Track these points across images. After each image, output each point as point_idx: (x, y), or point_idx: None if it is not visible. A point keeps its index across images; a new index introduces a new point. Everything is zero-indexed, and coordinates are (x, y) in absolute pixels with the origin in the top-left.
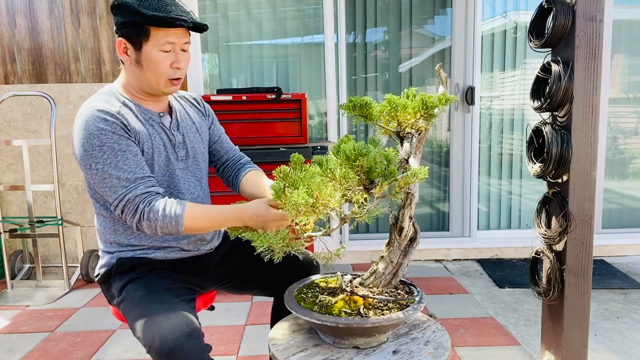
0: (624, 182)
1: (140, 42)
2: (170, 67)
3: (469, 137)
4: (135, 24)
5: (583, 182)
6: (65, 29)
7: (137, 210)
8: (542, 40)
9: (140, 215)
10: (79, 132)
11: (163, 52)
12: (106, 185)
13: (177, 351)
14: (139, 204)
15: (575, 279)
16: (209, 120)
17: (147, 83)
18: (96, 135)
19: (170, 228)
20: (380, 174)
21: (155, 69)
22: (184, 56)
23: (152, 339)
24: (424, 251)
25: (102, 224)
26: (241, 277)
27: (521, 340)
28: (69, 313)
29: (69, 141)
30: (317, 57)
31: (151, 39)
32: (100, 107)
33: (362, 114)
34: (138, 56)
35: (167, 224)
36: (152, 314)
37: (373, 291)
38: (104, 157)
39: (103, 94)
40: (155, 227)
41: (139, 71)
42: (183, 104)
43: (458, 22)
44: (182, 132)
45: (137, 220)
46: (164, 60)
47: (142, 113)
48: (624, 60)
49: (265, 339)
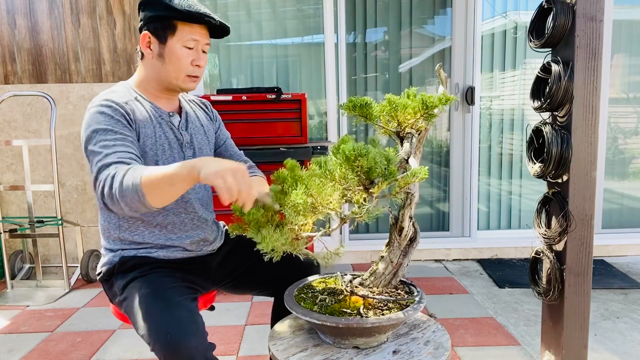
0: (624, 182)
1: (166, 36)
2: (191, 64)
3: (469, 137)
4: (164, 18)
5: (583, 182)
6: (65, 29)
7: (102, 178)
8: (542, 40)
9: (104, 182)
10: (85, 119)
11: (186, 49)
12: (91, 162)
13: (183, 348)
14: (105, 170)
15: (575, 279)
16: (215, 124)
17: (167, 77)
18: (97, 121)
19: (131, 193)
20: (380, 174)
21: (177, 63)
22: (204, 56)
23: (157, 336)
24: (424, 251)
25: (106, 219)
26: (242, 277)
27: (521, 340)
28: (69, 313)
29: (69, 141)
30: (317, 57)
31: (177, 34)
32: (108, 98)
33: (362, 114)
34: (162, 50)
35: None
36: (157, 311)
37: (373, 291)
38: (97, 138)
39: (116, 89)
40: (117, 194)
41: (160, 65)
42: (193, 106)
43: (458, 22)
44: (190, 132)
45: (101, 189)
46: (186, 56)
47: (153, 110)
48: (624, 60)
49: (265, 339)
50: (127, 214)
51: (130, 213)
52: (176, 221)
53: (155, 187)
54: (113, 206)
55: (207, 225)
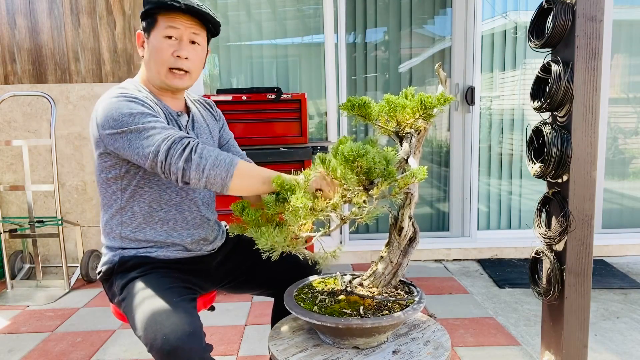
0: (624, 182)
1: (150, 30)
2: (172, 55)
3: (469, 137)
4: (149, 13)
5: (583, 182)
6: (65, 29)
7: (189, 146)
8: (542, 40)
9: (192, 150)
10: (106, 108)
11: (167, 39)
12: (142, 138)
13: (179, 350)
14: (190, 141)
15: (575, 279)
16: (219, 124)
17: (152, 74)
18: (129, 107)
19: (220, 172)
20: (379, 174)
21: (156, 55)
22: (190, 47)
23: (154, 338)
24: (424, 251)
25: (108, 214)
26: (242, 277)
27: (521, 340)
28: (69, 313)
29: (69, 141)
30: (317, 57)
31: (157, 25)
32: (127, 90)
33: (361, 114)
34: (148, 46)
35: (219, 165)
36: (154, 312)
37: (373, 291)
38: (135, 120)
39: (128, 84)
40: (205, 166)
41: (148, 62)
42: (198, 106)
43: (458, 22)
44: (196, 132)
45: (187, 156)
46: (166, 48)
47: (162, 108)
48: (624, 60)
49: (265, 339)
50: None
51: (200, 186)
52: (178, 218)
53: (248, 177)
54: (194, 173)
55: (209, 224)
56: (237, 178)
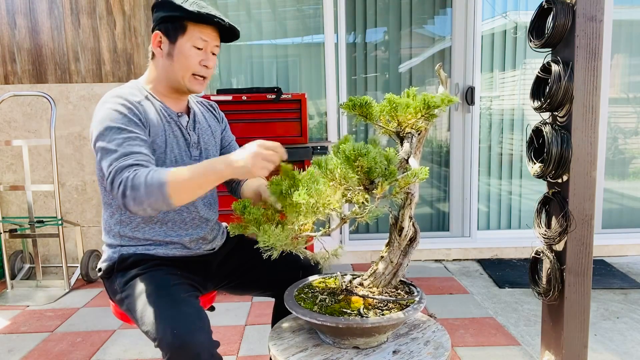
0: (624, 182)
1: (177, 35)
2: (199, 64)
3: (469, 137)
4: (175, 18)
5: (583, 182)
6: (65, 29)
7: (122, 180)
8: (542, 40)
9: (125, 184)
10: (98, 114)
11: (195, 49)
12: (104, 159)
13: (190, 344)
14: (125, 172)
15: (575, 279)
16: (222, 125)
17: (174, 76)
18: (111, 118)
19: (156, 197)
20: (380, 174)
21: (184, 61)
22: (213, 58)
23: (163, 333)
24: (424, 251)
25: (109, 214)
26: (242, 278)
27: (521, 340)
28: (69, 313)
29: (69, 141)
30: (317, 57)
31: (187, 34)
32: (123, 95)
33: (362, 114)
34: (171, 49)
35: (151, 192)
36: (162, 308)
37: (373, 291)
38: (110, 136)
39: (128, 86)
40: (141, 197)
41: (168, 64)
42: (201, 108)
43: (458, 22)
44: (197, 132)
45: (122, 191)
46: (194, 56)
47: (162, 109)
48: (624, 60)
49: (265, 339)
50: (148, 214)
51: (152, 213)
52: (177, 219)
53: (182, 188)
54: (135, 207)
55: (208, 225)
56: (174, 195)
